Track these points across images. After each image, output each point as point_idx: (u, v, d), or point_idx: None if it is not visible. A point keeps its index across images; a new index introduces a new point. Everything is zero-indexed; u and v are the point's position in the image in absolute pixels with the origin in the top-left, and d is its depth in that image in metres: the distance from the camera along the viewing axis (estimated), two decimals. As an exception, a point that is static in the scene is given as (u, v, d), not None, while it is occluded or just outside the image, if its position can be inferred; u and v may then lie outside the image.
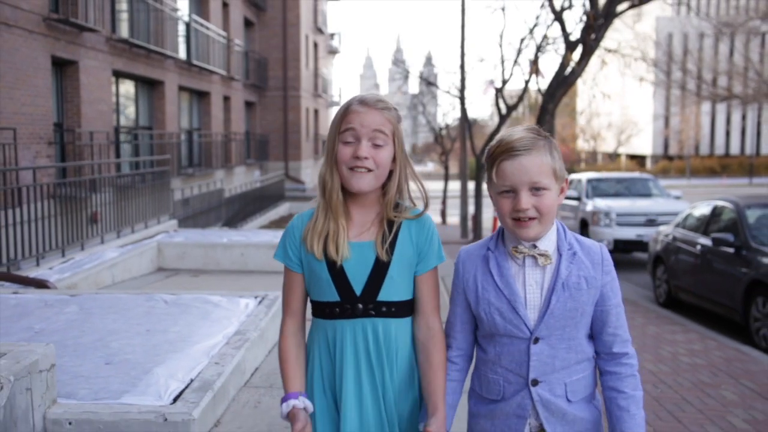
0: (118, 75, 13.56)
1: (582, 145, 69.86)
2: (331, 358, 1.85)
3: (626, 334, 1.80)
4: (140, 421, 3.20)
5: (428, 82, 24.07)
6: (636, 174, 16.29)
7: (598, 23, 9.47)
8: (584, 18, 9.95)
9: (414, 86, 29.73)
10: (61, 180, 9.57)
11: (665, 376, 5.09)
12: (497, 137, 1.77)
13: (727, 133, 66.81)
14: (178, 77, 16.42)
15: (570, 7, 10.92)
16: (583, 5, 10.10)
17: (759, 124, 63.85)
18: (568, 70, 10.49)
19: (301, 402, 1.80)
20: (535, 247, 1.76)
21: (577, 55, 10.25)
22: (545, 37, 12.03)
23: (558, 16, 10.78)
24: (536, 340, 1.75)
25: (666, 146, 66.78)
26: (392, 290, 1.82)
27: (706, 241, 7.84)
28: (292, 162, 26.39)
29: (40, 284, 6.52)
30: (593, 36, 9.76)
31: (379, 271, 1.81)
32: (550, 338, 1.75)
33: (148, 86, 15.40)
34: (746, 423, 4.13)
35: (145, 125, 15.34)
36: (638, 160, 68.09)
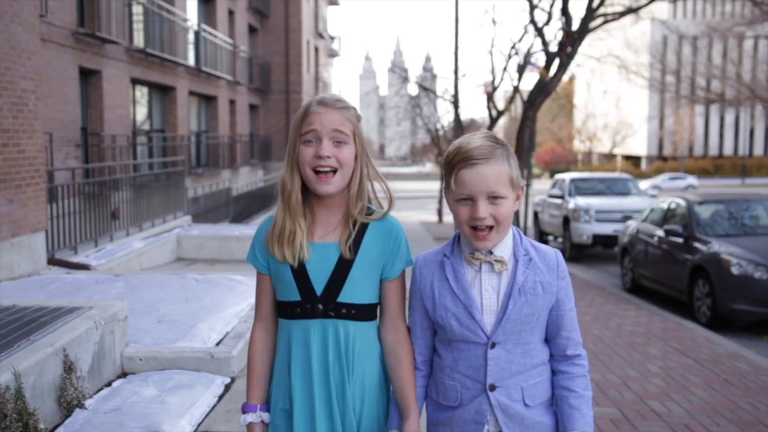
0: (135, 82, 14.65)
1: (578, 145, 70.95)
2: (288, 358, 1.85)
3: (578, 337, 1.85)
4: (193, 358, 4.29)
5: (424, 88, 25.13)
6: (616, 174, 17.38)
7: (572, 39, 10.57)
8: (560, 34, 11.04)
9: (413, 88, 30.72)
10: (90, 180, 10.62)
11: (606, 338, 6.20)
12: (455, 144, 1.78)
13: (721, 135, 67.84)
14: (188, 83, 17.50)
15: (549, 21, 12.00)
16: (560, 20, 11.17)
17: (752, 126, 64.98)
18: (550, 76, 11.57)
19: (258, 416, 1.86)
20: (491, 253, 1.78)
21: (555, 67, 11.33)
22: (529, 50, 13.11)
23: (539, 32, 11.88)
24: (493, 345, 1.77)
25: (660, 147, 67.80)
26: (354, 292, 1.82)
27: (661, 232, 8.95)
28: (294, 162, 27.46)
29: (84, 267, 7.62)
30: (568, 50, 10.85)
31: (341, 270, 1.81)
32: (506, 343, 1.77)
33: (161, 92, 16.49)
34: (660, 369, 5.23)
35: (159, 128, 16.43)
36: (633, 160, 69.09)
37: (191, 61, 17.43)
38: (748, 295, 7.11)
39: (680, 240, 8.39)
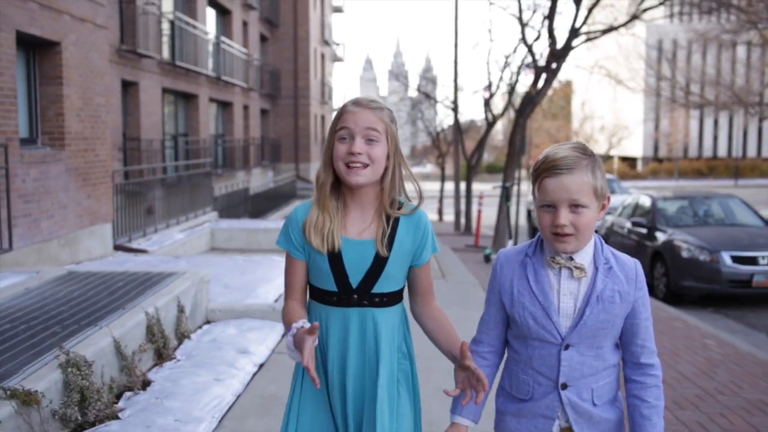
0: (165, 91, 16.15)
1: (575, 147, 72.39)
2: (321, 340, 1.97)
3: (653, 346, 1.88)
4: (259, 310, 5.80)
5: (426, 95, 26.69)
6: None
7: (556, 56, 12.08)
8: (547, 50, 12.55)
9: (414, 90, 32.33)
10: (132, 180, 12.09)
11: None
12: (544, 153, 1.84)
13: (715, 137, 69.23)
14: (209, 90, 19.01)
15: (538, 38, 13.51)
16: (548, 38, 12.67)
17: (745, 129, 66.49)
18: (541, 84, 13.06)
19: (300, 323, 1.86)
20: (571, 259, 1.81)
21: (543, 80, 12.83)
22: (520, 67, 14.63)
23: (529, 49, 13.39)
24: (567, 347, 1.82)
25: (656, 149, 69.21)
26: (387, 283, 1.96)
27: (629, 224, 10.46)
28: (302, 164, 29.02)
29: (143, 252, 9.13)
30: (554, 66, 12.36)
31: (378, 267, 1.93)
32: (580, 346, 1.82)
33: (186, 99, 18.01)
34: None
35: (183, 132, 17.94)
36: (629, 162, 70.54)
37: (211, 70, 18.94)
38: (695, 274, 8.61)
39: (644, 230, 9.90)
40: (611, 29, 13.63)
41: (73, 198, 7.98)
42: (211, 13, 20.41)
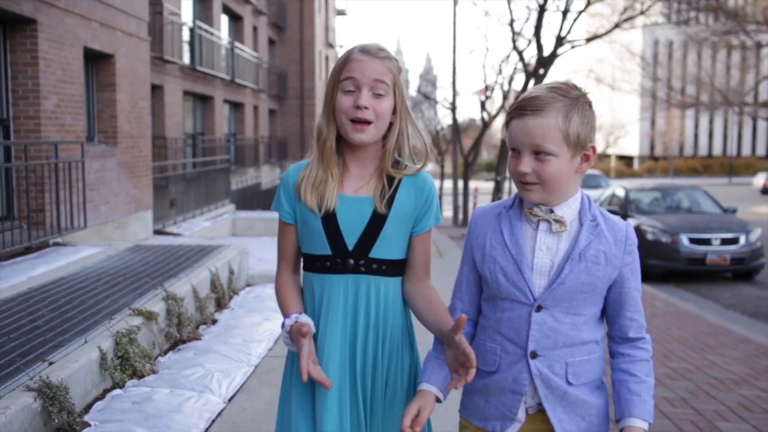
0: (186, 93, 17.50)
1: (573, 146, 73.69)
2: (316, 312, 1.80)
3: (643, 320, 1.70)
4: (290, 275, 7.14)
5: (425, 96, 28.06)
6: (589, 171, 20.29)
7: (543, 63, 13.43)
8: (535, 57, 13.90)
9: (414, 90, 33.69)
10: (159, 175, 13.41)
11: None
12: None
13: (710, 135, 70.50)
14: (223, 92, 20.36)
15: (528, 46, 14.86)
16: (536, 46, 14.01)
17: (740, 128, 67.80)
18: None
19: (303, 317, 1.74)
20: (551, 212, 1.65)
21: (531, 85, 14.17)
22: (513, 74, 16.01)
23: (520, 55, 14.74)
24: (539, 309, 1.64)
25: (652, 147, 70.47)
26: (386, 247, 1.78)
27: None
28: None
29: (179, 235, 10.46)
30: (542, 71, 13.70)
31: (375, 226, 1.77)
32: (554, 310, 1.64)
33: (202, 101, 19.35)
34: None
35: (200, 131, 19.29)
36: (626, 160, 71.82)
37: (225, 73, 20.28)
38: (658, 254, 9.96)
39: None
40: (595, 37, 14.97)
41: (123, 187, 9.31)
42: (224, 20, 21.75)
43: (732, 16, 27.16)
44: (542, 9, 13.42)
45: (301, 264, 1.88)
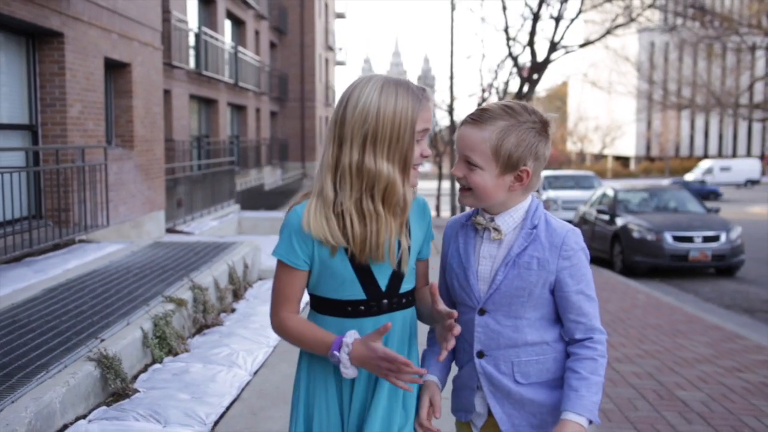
0: (191, 97, 18.06)
1: (570, 146, 74.44)
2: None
3: (591, 322, 1.73)
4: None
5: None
6: (582, 172, 20.92)
7: (537, 68, 14.01)
8: (529, 63, 14.49)
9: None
10: (170, 176, 13.97)
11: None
12: None
13: (706, 136, 71.16)
14: (227, 96, 20.93)
15: (523, 52, 15.45)
16: (530, 52, 14.59)
17: (735, 128, 68.48)
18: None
19: (351, 335, 1.66)
20: (492, 220, 1.74)
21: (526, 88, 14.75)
22: (508, 81, 16.61)
23: (515, 61, 15.32)
24: (482, 312, 1.74)
25: (648, 148, 71.11)
26: (410, 279, 1.78)
27: (594, 212, 12.38)
28: (308, 162, 30.99)
29: (190, 234, 11.02)
30: (535, 76, 14.29)
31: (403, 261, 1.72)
32: (496, 313, 1.73)
33: (207, 104, 19.92)
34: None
35: (205, 134, 19.85)
36: (623, 161, 72.45)
37: (228, 77, 20.84)
38: (644, 251, 10.54)
39: (607, 217, 11.82)
40: (587, 43, 15.55)
41: (139, 189, 9.87)
42: (227, 25, 22.31)
43: (726, 20, 27.70)
44: (536, 17, 14.00)
45: (302, 306, 1.79)
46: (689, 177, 44.80)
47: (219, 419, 3.63)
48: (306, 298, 1.77)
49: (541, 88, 64.71)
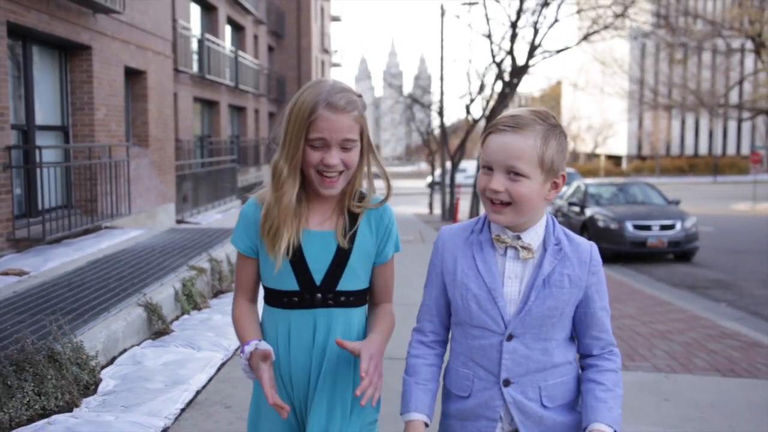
0: (195, 99, 19.19)
1: (563, 146, 75.41)
2: (281, 346, 1.80)
3: (610, 338, 1.70)
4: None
5: (416, 100, 29.86)
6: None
7: (516, 72, 15.18)
8: (509, 67, 15.65)
9: (408, 89, 35.72)
10: (177, 173, 15.06)
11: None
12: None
13: (696, 135, 72.24)
14: (228, 98, 22.06)
15: (505, 58, 16.63)
16: (510, 58, 15.75)
17: (725, 128, 69.69)
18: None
19: (263, 344, 1.71)
20: (518, 238, 1.63)
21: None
22: (495, 77, 17.77)
23: (498, 66, 16.51)
24: (510, 337, 1.63)
25: (639, 147, 72.18)
26: (351, 280, 1.79)
27: (567, 204, 13.55)
28: (305, 161, 32.14)
29: (198, 224, 12.15)
30: (516, 80, 15.46)
31: (340, 260, 1.78)
32: (524, 337, 1.63)
33: (209, 106, 21.06)
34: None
35: (207, 134, 20.99)
36: (614, 160, 73.55)
37: (229, 80, 21.97)
38: (608, 239, 11.69)
39: (578, 208, 12.99)
40: (564, 49, 16.71)
41: (153, 183, 11.00)
42: (228, 30, 23.44)
43: (710, 23, 28.77)
44: (514, 25, 15.17)
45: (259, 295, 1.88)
46: None
47: (237, 348, 4.77)
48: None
49: (536, 89, 66.02)
